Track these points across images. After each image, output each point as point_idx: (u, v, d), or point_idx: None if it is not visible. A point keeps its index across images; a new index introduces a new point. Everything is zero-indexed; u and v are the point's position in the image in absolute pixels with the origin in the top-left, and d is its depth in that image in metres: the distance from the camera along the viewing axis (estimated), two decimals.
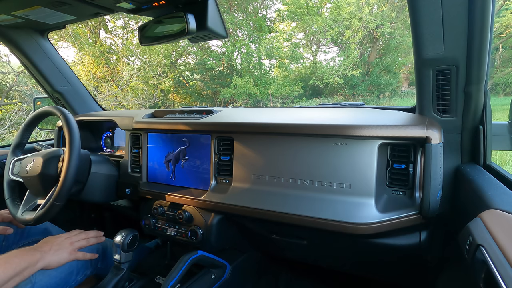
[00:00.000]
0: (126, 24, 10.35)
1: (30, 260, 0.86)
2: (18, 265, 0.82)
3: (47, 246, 0.94)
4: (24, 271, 0.83)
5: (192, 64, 13.27)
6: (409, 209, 0.81)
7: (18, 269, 0.81)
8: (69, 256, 0.97)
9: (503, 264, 0.43)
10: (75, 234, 1.06)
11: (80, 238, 1.05)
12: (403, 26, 12.54)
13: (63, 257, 0.96)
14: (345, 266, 1.27)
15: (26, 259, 0.85)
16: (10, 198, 1.11)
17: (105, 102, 7.61)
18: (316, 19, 12.68)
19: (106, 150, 1.54)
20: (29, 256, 0.87)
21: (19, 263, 0.82)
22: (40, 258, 0.89)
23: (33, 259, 0.87)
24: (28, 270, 0.85)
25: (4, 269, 0.78)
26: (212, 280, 1.15)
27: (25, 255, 0.86)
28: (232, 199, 0.99)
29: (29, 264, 0.85)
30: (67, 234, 1.04)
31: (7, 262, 0.80)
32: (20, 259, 0.84)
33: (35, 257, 0.88)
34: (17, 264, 0.82)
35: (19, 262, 0.83)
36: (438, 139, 0.78)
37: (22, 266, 0.83)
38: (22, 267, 0.83)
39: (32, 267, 0.86)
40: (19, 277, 0.82)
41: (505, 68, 13.10)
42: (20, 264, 0.82)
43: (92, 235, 1.09)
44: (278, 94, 11.97)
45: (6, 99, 6.10)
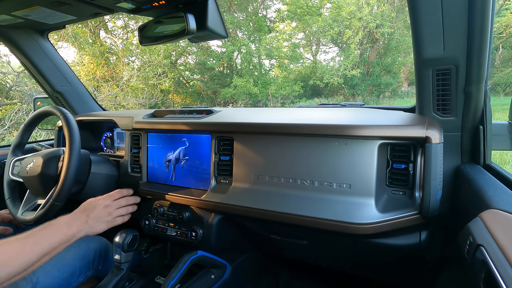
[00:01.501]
0: (126, 24, 10.35)
1: (61, 238, 0.81)
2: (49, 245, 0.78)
3: (83, 217, 0.89)
4: (56, 248, 0.79)
5: (192, 64, 13.28)
6: (409, 209, 0.81)
7: (48, 249, 0.77)
8: (107, 226, 0.94)
9: (503, 264, 0.43)
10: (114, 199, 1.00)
11: (119, 205, 0.99)
12: (403, 26, 12.54)
13: (101, 227, 0.92)
14: (345, 266, 1.27)
15: (57, 237, 0.80)
16: (10, 198, 1.11)
17: (105, 102, 7.61)
18: (316, 19, 12.68)
19: (106, 150, 1.54)
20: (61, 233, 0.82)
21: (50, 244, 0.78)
22: (73, 235, 0.84)
23: (65, 237, 0.82)
24: (59, 247, 0.80)
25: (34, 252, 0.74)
26: (212, 280, 1.15)
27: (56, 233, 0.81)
28: (232, 199, 0.99)
29: (60, 243, 0.80)
30: (106, 200, 0.98)
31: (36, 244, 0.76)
32: (49, 239, 0.79)
33: (68, 235, 0.83)
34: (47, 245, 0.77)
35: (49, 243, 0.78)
36: (438, 139, 0.78)
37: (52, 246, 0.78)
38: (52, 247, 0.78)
39: (66, 243, 0.82)
40: (50, 255, 0.78)
41: (505, 68, 13.10)
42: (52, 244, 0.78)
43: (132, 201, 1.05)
44: (278, 94, 11.97)
45: (6, 99, 6.10)
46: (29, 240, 0.75)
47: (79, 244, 1.07)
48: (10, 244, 0.72)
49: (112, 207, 0.97)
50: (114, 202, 0.99)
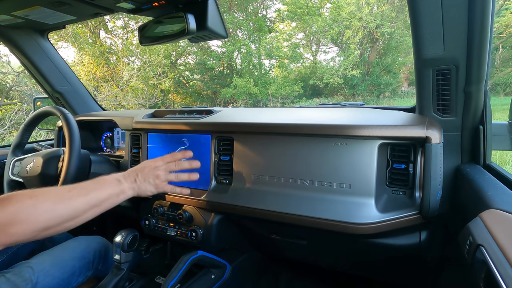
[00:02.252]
0: (126, 24, 10.35)
1: (111, 192, 0.80)
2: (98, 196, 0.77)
3: (132, 176, 0.86)
4: (105, 202, 0.78)
5: (192, 64, 13.28)
6: (409, 209, 0.81)
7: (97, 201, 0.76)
8: (156, 190, 0.89)
9: (503, 264, 0.43)
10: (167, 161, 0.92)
11: (170, 169, 0.91)
12: (403, 26, 12.54)
13: (149, 189, 0.88)
14: (345, 266, 1.27)
15: (106, 191, 0.79)
16: None
17: (105, 102, 7.61)
18: (316, 19, 12.69)
19: (106, 150, 1.54)
20: (111, 187, 0.81)
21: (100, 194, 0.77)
22: (122, 190, 0.83)
23: (113, 192, 0.80)
24: (109, 201, 0.79)
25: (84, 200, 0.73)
26: (212, 280, 1.15)
27: (106, 186, 0.80)
28: (232, 199, 0.99)
29: (109, 196, 0.79)
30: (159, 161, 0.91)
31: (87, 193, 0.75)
32: (100, 191, 0.78)
33: (116, 189, 0.81)
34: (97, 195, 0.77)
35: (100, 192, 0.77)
36: (438, 139, 0.78)
37: (101, 198, 0.77)
38: (101, 199, 0.77)
39: (114, 198, 0.80)
40: (100, 208, 0.77)
41: (505, 68, 13.10)
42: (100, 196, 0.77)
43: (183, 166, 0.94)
44: (278, 94, 11.97)
45: (6, 99, 6.11)
46: (77, 189, 0.74)
47: (79, 244, 1.07)
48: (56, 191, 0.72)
49: (160, 170, 0.90)
50: (164, 165, 0.91)
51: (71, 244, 1.06)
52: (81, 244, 1.07)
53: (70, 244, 1.06)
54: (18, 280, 0.86)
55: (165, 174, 0.90)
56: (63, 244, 1.06)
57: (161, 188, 0.90)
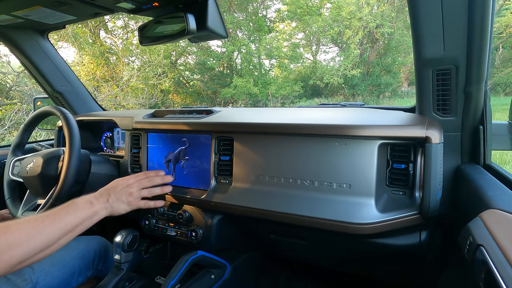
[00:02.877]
0: (126, 24, 10.35)
1: (84, 215, 0.79)
2: (71, 222, 0.76)
3: (104, 197, 0.86)
4: (78, 226, 0.77)
5: (192, 64, 13.27)
6: (409, 209, 0.81)
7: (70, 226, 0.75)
8: (129, 207, 0.89)
9: (503, 264, 0.43)
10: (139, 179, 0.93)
11: (142, 186, 0.93)
12: (403, 26, 12.54)
13: (123, 208, 0.88)
14: (345, 266, 1.27)
15: (79, 215, 0.78)
16: (10, 198, 1.11)
17: (105, 102, 7.61)
18: (316, 19, 12.68)
19: (106, 150, 1.54)
20: (84, 210, 0.80)
21: (73, 220, 0.76)
22: (96, 212, 0.82)
23: (87, 214, 0.80)
24: (83, 224, 0.78)
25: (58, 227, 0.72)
26: (212, 280, 1.15)
27: (79, 210, 0.79)
28: (232, 199, 0.99)
29: (83, 220, 0.78)
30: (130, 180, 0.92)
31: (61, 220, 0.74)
32: (73, 216, 0.77)
33: (90, 211, 0.81)
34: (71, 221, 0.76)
35: (73, 219, 0.76)
36: (438, 139, 0.78)
37: (75, 223, 0.76)
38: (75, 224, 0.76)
39: (88, 221, 0.80)
40: (74, 232, 0.76)
41: (505, 68, 13.10)
42: (74, 221, 0.76)
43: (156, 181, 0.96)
44: (278, 94, 11.97)
45: (6, 99, 6.11)
46: (50, 218, 0.73)
47: (79, 244, 1.07)
48: (28, 222, 0.70)
49: (133, 187, 0.90)
50: (137, 182, 0.92)
51: (71, 244, 1.06)
52: (81, 244, 1.07)
53: (70, 244, 1.06)
54: (18, 280, 0.86)
55: (138, 191, 0.91)
56: None
57: (135, 204, 0.90)
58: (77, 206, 0.79)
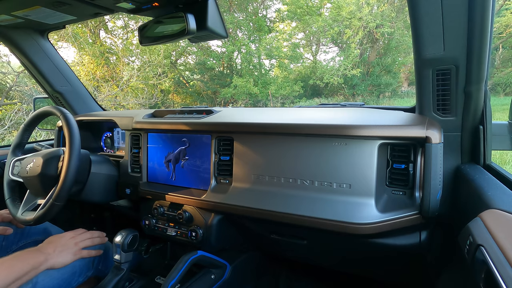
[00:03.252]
0: (126, 24, 10.35)
1: (33, 263, 0.85)
2: (21, 269, 0.81)
3: (51, 248, 0.93)
4: (27, 274, 0.82)
5: (192, 64, 13.27)
6: (409, 209, 0.81)
7: (21, 273, 0.80)
8: (74, 257, 0.96)
9: (503, 264, 0.43)
10: (79, 233, 1.04)
11: (85, 237, 1.03)
12: (403, 26, 12.54)
13: (68, 258, 0.95)
14: (345, 266, 1.27)
15: (29, 262, 0.84)
16: (10, 198, 1.11)
17: (105, 102, 7.61)
18: (316, 19, 12.68)
19: (106, 150, 1.54)
20: (33, 259, 0.86)
21: (22, 267, 0.81)
22: (44, 260, 0.88)
23: (36, 262, 0.86)
24: (31, 273, 0.84)
25: (7, 273, 0.77)
26: (212, 280, 1.15)
27: (29, 258, 0.85)
28: (232, 199, 0.99)
29: (32, 268, 0.84)
30: (71, 233, 1.03)
31: (10, 266, 0.79)
32: (23, 262, 0.82)
33: (38, 260, 0.87)
34: (20, 268, 0.81)
35: (22, 266, 0.82)
36: (438, 139, 0.78)
37: (25, 270, 0.81)
38: (25, 271, 0.81)
39: (35, 270, 0.85)
40: (22, 280, 0.81)
41: (505, 68, 13.10)
42: (23, 268, 0.81)
43: (96, 235, 1.07)
44: (278, 94, 11.96)
45: (6, 99, 6.10)
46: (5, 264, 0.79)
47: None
48: None
49: (78, 238, 1.01)
50: (80, 235, 1.03)
51: None
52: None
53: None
54: None
55: (82, 241, 1.01)
56: None
57: (78, 255, 0.98)
58: (27, 255, 0.86)
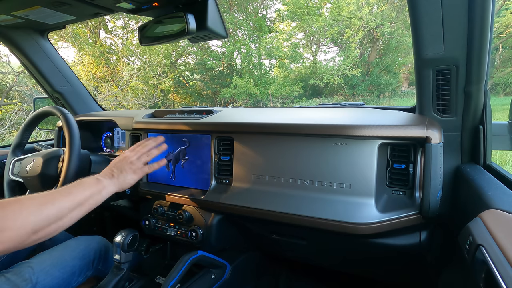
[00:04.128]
0: (126, 24, 10.34)
1: (93, 190, 0.81)
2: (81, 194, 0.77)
3: (108, 173, 0.89)
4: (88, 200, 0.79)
5: (192, 64, 13.27)
6: (409, 209, 0.81)
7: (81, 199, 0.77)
8: (136, 176, 0.92)
9: (503, 264, 0.43)
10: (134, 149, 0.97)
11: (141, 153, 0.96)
12: (403, 26, 12.54)
13: (130, 178, 0.91)
14: (345, 266, 1.27)
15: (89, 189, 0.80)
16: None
17: (105, 102, 7.61)
18: (316, 19, 12.68)
19: (106, 150, 1.54)
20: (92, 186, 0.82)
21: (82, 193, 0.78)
22: (104, 187, 0.84)
23: (95, 189, 0.82)
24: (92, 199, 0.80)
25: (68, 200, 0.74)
26: (212, 280, 1.15)
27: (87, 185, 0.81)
28: (232, 199, 0.99)
29: (92, 194, 0.80)
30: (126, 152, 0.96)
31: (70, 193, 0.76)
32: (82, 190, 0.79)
33: (98, 187, 0.83)
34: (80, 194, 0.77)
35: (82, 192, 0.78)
36: (438, 139, 0.78)
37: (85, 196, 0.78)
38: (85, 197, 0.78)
39: (97, 195, 0.81)
40: (85, 206, 0.78)
41: (505, 68, 13.10)
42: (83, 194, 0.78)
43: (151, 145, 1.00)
44: (278, 94, 11.96)
45: (6, 99, 6.10)
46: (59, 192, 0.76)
47: (79, 244, 1.07)
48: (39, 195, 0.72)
49: (132, 157, 0.94)
50: (133, 152, 0.96)
51: (71, 244, 1.06)
52: (81, 244, 1.08)
53: (70, 244, 1.06)
54: (18, 280, 0.86)
55: (138, 159, 0.94)
56: (63, 244, 1.06)
57: (141, 171, 0.93)
58: (85, 183, 0.82)
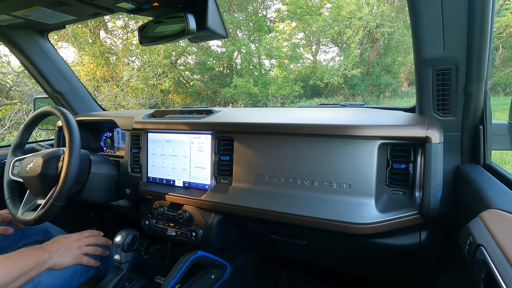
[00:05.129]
0: (126, 24, 10.34)
1: (37, 260, 0.86)
2: (26, 265, 0.82)
3: (55, 247, 0.94)
4: (31, 271, 0.83)
5: (192, 64, 13.27)
6: (409, 209, 0.81)
7: (25, 269, 0.81)
8: (74, 260, 0.97)
9: (503, 264, 0.43)
10: (85, 236, 1.05)
11: (89, 242, 1.04)
12: (403, 26, 12.54)
13: (68, 260, 0.96)
14: (345, 266, 1.27)
15: (34, 260, 0.85)
16: (10, 198, 1.11)
17: (105, 102, 7.61)
18: (316, 19, 12.68)
19: (106, 150, 1.54)
20: (37, 256, 0.87)
21: (27, 263, 0.82)
22: (47, 258, 0.89)
23: (40, 260, 0.87)
24: (35, 270, 0.85)
25: (12, 269, 0.78)
26: (212, 280, 1.15)
27: (34, 255, 0.86)
28: (232, 199, 0.99)
29: (36, 264, 0.85)
30: (77, 235, 1.03)
31: (16, 262, 0.80)
32: (28, 259, 0.84)
33: (42, 258, 0.88)
34: (25, 264, 0.82)
35: (27, 262, 0.83)
36: (438, 139, 0.78)
37: (29, 266, 0.82)
38: (29, 267, 0.82)
39: (39, 267, 0.86)
40: (26, 276, 0.82)
41: (505, 68, 13.10)
42: (28, 265, 0.82)
43: (101, 242, 1.08)
44: (278, 94, 11.96)
45: (6, 99, 6.10)
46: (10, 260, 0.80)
47: None
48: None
49: (82, 242, 1.02)
50: (84, 239, 1.04)
51: None
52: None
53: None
54: None
55: (85, 247, 1.02)
56: None
57: (79, 259, 0.99)
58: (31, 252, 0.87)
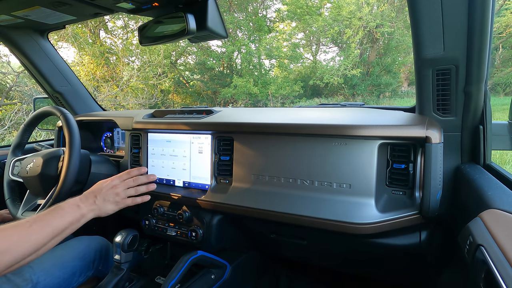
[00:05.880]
0: (126, 24, 10.34)
1: (71, 219, 0.80)
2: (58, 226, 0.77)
3: (90, 199, 0.88)
4: (67, 229, 0.78)
5: (192, 64, 13.27)
6: (409, 209, 0.81)
7: (57, 230, 0.76)
8: (117, 207, 0.91)
9: (503, 264, 0.43)
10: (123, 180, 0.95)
11: (127, 185, 0.95)
12: (403, 26, 12.54)
13: (111, 208, 0.90)
14: (345, 266, 1.27)
15: (67, 219, 0.79)
16: (10, 198, 1.11)
17: (105, 102, 7.61)
18: (316, 18, 12.68)
19: (106, 150, 1.54)
20: (71, 216, 0.81)
21: (58, 224, 0.77)
22: (83, 215, 0.83)
23: (74, 218, 0.81)
24: (71, 227, 0.80)
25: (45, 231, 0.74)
26: (212, 280, 1.15)
27: (66, 215, 0.80)
28: (232, 199, 0.99)
29: (70, 224, 0.79)
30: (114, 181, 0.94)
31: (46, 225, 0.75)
32: (60, 220, 0.78)
33: (76, 216, 0.82)
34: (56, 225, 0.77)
35: (58, 223, 0.77)
36: (438, 139, 0.78)
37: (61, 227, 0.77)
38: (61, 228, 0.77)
39: (75, 224, 0.81)
40: (61, 236, 0.78)
41: (505, 68, 13.10)
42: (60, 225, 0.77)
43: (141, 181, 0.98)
44: (278, 94, 11.96)
45: (6, 99, 6.10)
46: (37, 223, 0.75)
47: (79, 244, 1.07)
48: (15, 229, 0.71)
49: (119, 188, 0.93)
50: (122, 183, 0.95)
51: (72, 244, 1.06)
52: (81, 244, 1.07)
53: (71, 244, 1.06)
54: (18, 280, 0.86)
55: (124, 191, 0.94)
56: (64, 244, 1.06)
57: (123, 203, 0.93)
58: (64, 210, 0.81)
